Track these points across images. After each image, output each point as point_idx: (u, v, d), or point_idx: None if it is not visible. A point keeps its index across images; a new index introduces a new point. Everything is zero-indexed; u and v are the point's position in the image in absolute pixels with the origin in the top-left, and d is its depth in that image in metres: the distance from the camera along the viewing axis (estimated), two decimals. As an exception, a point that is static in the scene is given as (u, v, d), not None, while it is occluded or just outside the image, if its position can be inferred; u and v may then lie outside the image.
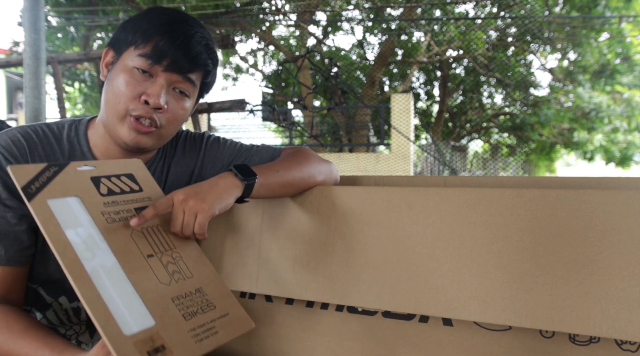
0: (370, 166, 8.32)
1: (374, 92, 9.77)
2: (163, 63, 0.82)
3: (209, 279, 0.76)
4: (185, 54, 0.82)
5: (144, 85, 0.82)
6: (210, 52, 0.87)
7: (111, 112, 0.84)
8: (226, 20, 8.77)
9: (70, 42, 9.01)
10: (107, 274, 0.65)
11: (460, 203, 0.80)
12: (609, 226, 0.70)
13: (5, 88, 12.51)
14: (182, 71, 0.83)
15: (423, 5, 8.87)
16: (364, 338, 0.88)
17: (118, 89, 0.82)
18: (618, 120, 9.11)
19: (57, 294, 0.91)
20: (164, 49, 0.81)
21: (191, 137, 1.02)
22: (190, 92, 0.88)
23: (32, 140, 0.84)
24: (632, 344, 0.71)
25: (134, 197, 0.76)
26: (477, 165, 11.75)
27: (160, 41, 0.81)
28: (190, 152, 1.01)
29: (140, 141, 0.84)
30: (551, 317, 0.71)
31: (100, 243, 0.67)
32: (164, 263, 0.72)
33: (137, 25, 0.83)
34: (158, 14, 0.84)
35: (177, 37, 0.81)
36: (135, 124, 0.83)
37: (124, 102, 0.82)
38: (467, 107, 12.23)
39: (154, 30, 0.81)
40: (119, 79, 0.82)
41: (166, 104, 0.84)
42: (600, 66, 9.71)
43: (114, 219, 0.71)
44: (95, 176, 0.74)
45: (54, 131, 0.88)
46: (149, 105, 0.82)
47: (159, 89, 0.82)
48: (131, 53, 0.82)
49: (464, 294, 0.77)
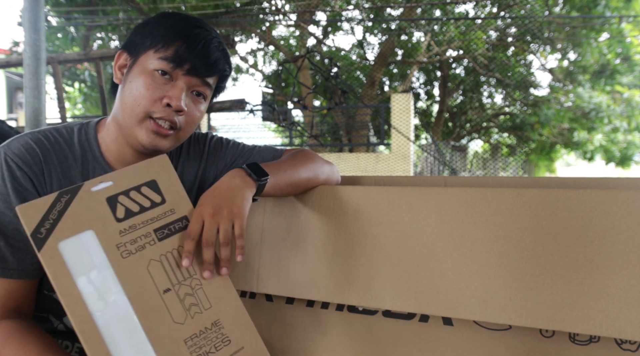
0: (370, 166, 8.31)
1: (374, 92, 9.77)
2: (184, 67, 0.83)
3: (228, 308, 0.74)
4: (205, 59, 0.84)
5: (165, 88, 0.83)
6: (227, 57, 0.89)
7: (129, 114, 0.83)
8: (226, 20, 8.77)
9: (70, 42, 9.00)
10: (119, 326, 0.65)
11: (460, 203, 0.80)
12: (609, 226, 0.70)
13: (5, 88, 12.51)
14: (202, 75, 0.85)
15: (423, 5, 8.86)
16: (364, 337, 0.88)
17: (138, 91, 0.82)
18: (618, 120, 9.11)
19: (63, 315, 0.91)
20: (185, 54, 0.82)
21: (195, 138, 1.03)
22: (207, 94, 0.90)
23: (44, 147, 0.83)
24: (632, 343, 0.72)
25: (154, 214, 0.73)
26: (477, 165, 11.75)
27: (182, 46, 0.82)
28: (195, 152, 1.01)
29: (158, 143, 0.85)
30: (551, 317, 0.71)
31: (113, 286, 0.67)
32: (181, 296, 0.71)
33: (155, 30, 0.84)
34: (177, 19, 0.86)
35: (197, 43, 0.83)
36: (155, 127, 0.83)
37: (144, 104, 0.82)
38: (467, 107, 12.22)
39: (175, 34, 0.83)
40: (138, 81, 0.83)
41: (186, 107, 0.85)
42: (600, 66, 9.71)
43: (129, 251, 0.69)
44: (112, 195, 0.71)
45: (64, 136, 0.87)
46: (170, 108, 0.83)
47: (180, 92, 0.83)
48: (150, 56, 0.83)
49: (464, 294, 0.77)
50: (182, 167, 0.99)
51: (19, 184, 0.79)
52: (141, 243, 0.70)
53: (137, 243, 0.70)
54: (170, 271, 0.71)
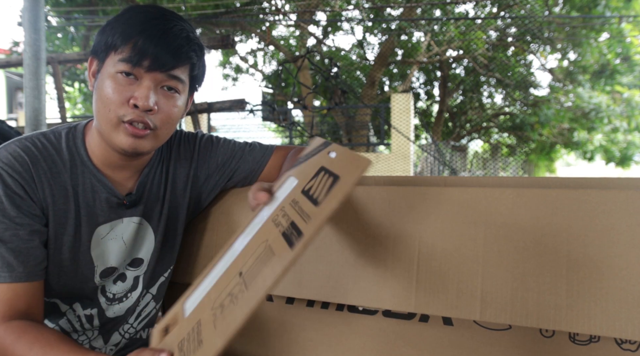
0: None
1: (374, 92, 9.77)
2: (144, 64, 0.79)
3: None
4: (165, 50, 0.79)
5: (130, 89, 0.80)
6: (192, 43, 0.83)
7: (104, 121, 0.82)
8: (226, 20, 8.77)
9: (70, 42, 9.01)
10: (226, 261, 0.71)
11: (460, 203, 0.80)
12: (609, 226, 0.70)
13: (5, 88, 12.51)
14: (165, 68, 0.81)
15: (423, 5, 8.86)
16: (364, 337, 0.88)
17: (106, 97, 0.80)
18: (618, 120, 9.11)
19: (71, 301, 0.92)
20: (143, 49, 0.78)
21: (185, 138, 1.02)
22: (179, 88, 0.85)
23: (32, 154, 0.83)
24: (632, 343, 0.72)
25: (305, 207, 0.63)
26: (477, 165, 11.75)
27: (138, 41, 0.78)
28: (185, 153, 1.00)
29: (138, 145, 0.83)
30: (551, 317, 0.71)
31: (253, 232, 0.71)
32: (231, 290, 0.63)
33: (114, 29, 0.80)
34: (134, 13, 0.82)
35: (154, 34, 0.79)
36: (131, 130, 0.81)
37: (113, 109, 0.80)
38: (467, 107, 12.23)
39: (131, 30, 0.79)
40: (105, 86, 0.81)
41: (156, 105, 0.81)
42: (600, 66, 9.71)
43: (277, 218, 0.67)
44: (324, 167, 0.65)
45: (52, 142, 0.86)
46: (138, 108, 0.80)
47: (146, 91, 0.80)
48: (112, 58, 0.80)
49: (464, 294, 0.77)
50: (173, 168, 0.99)
51: (11, 191, 0.79)
52: (281, 221, 0.66)
53: (283, 218, 0.66)
54: (255, 263, 0.63)
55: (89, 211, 0.88)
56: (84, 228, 0.87)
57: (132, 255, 0.95)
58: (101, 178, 0.88)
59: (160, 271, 1.01)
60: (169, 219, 0.98)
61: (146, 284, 0.98)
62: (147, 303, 1.01)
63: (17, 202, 0.80)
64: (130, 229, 0.93)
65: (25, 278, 0.81)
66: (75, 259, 0.88)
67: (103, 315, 0.94)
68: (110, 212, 0.90)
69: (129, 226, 0.93)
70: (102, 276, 0.92)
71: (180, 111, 0.87)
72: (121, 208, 0.91)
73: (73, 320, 0.92)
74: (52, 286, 0.89)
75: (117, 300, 0.95)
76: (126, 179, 0.92)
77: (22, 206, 0.80)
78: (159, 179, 0.96)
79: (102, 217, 0.89)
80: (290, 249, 0.56)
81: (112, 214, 0.90)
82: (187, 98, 0.91)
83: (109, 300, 0.94)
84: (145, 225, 0.95)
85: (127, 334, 0.99)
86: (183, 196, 1.00)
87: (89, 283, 0.91)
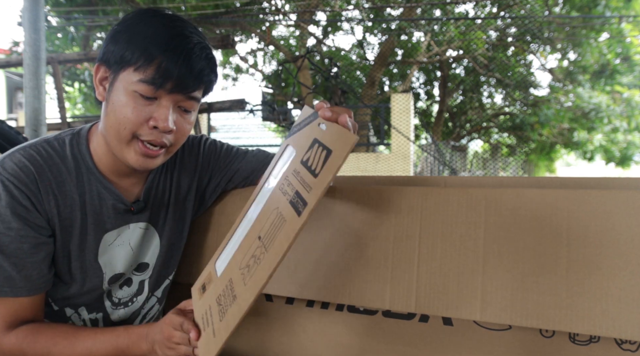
0: (370, 166, 8.32)
1: (374, 92, 9.77)
2: (167, 86, 0.77)
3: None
4: (189, 73, 0.78)
5: (150, 109, 0.78)
6: (212, 64, 0.83)
7: (115, 137, 0.80)
8: (226, 20, 8.77)
9: (70, 42, 9.00)
10: (245, 226, 0.81)
11: (460, 203, 0.80)
12: (609, 226, 0.70)
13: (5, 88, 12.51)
14: (187, 91, 0.80)
15: (423, 5, 8.86)
16: (364, 337, 0.88)
17: (122, 114, 0.78)
18: (618, 120, 9.11)
19: (77, 306, 0.92)
20: (167, 71, 0.76)
21: (189, 146, 1.02)
22: (195, 108, 0.86)
23: (38, 163, 0.81)
24: (632, 343, 0.72)
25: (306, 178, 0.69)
26: (477, 165, 11.75)
27: (162, 62, 0.76)
28: (190, 157, 1.01)
29: (149, 164, 0.83)
30: (551, 317, 0.71)
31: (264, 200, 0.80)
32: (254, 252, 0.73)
33: (133, 42, 0.77)
34: (155, 27, 0.78)
35: (179, 56, 0.77)
36: (143, 149, 0.80)
37: (130, 128, 0.78)
38: (467, 107, 12.23)
39: (154, 48, 0.76)
40: (120, 102, 0.78)
41: (175, 126, 0.81)
42: (600, 66, 9.71)
43: (283, 187, 0.75)
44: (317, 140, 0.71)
45: (56, 149, 0.85)
46: (157, 129, 0.79)
47: (166, 112, 0.79)
48: (131, 74, 0.77)
49: (464, 294, 0.77)
50: (178, 173, 0.99)
51: (17, 202, 0.78)
52: (288, 190, 0.72)
53: (288, 187, 0.72)
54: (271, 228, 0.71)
55: (95, 218, 0.87)
56: (90, 236, 0.87)
57: (138, 260, 0.95)
58: (107, 185, 0.87)
59: (165, 274, 1.01)
60: (174, 223, 0.98)
61: (151, 288, 0.98)
62: (152, 306, 1.01)
63: (23, 214, 0.78)
64: (136, 234, 0.93)
65: (27, 293, 0.81)
66: (83, 268, 0.87)
67: (108, 319, 0.94)
68: (117, 218, 0.89)
69: (135, 231, 0.92)
70: (110, 283, 0.92)
71: (192, 126, 0.87)
72: (128, 214, 0.91)
73: (77, 323, 0.92)
74: (62, 295, 0.89)
75: (122, 304, 0.95)
76: (132, 185, 0.92)
77: (28, 218, 0.79)
78: (163, 184, 0.96)
79: (109, 224, 0.89)
80: (298, 217, 0.65)
81: (119, 221, 0.90)
82: None
83: (114, 304, 0.94)
84: (151, 230, 0.95)
85: None
86: (187, 200, 1.00)
87: (97, 290, 0.91)
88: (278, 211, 0.71)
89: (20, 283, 0.80)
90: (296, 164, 0.74)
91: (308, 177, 0.68)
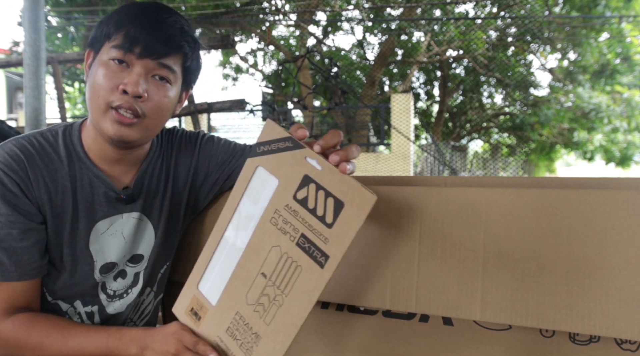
0: (370, 166, 8.32)
1: (374, 92, 9.78)
2: (135, 50, 0.80)
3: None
4: (157, 38, 0.81)
5: (121, 75, 0.81)
6: (185, 34, 0.84)
7: (94, 108, 0.82)
8: (226, 20, 8.77)
9: (70, 42, 9.01)
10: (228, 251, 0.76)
11: (460, 203, 0.80)
12: (609, 226, 0.70)
13: (5, 88, 12.51)
14: (157, 55, 0.81)
15: (423, 5, 8.87)
16: (364, 337, 0.88)
17: (96, 83, 0.81)
18: (618, 120, 9.11)
19: (72, 300, 0.92)
20: (136, 36, 0.79)
21: (186, 136, 1.03)
22: (171, 79, 0.85)
23: (28, 152, 0.83)
24: (632, 343, 0.72)
25: (315, 224, 0.67)
26: (477, 165, 11.75)
27: (131, 28, 0.80)
28: (186, 150, 1.02)
29: (124, 133, 0.82)
30: (551, 317, 0.71)
31: (249, 229, 0.74)
32: (263, 289, 0.72)
33: (109, 19, 0.83)
34: (131, 6, 0.83)
35: (147, 23, 0.80)
36: (117, 116, 0.81)
37: (103, 96, 0.80)
38: (467, 107, 12.23)
39: (125, 19, 0.81)
40: (97, 74, 0.81)
41: (146, 93, 0.82)
42: (600, 66, 9.71)
43: (276, 223, 0.71)
44: (310, 178, 0.68)
45: (49, 140, 0.87)
46: (127, 94, 0.80)
47: (136, 78, 0.80)
48: (106, 47, 0.82)
49: (464, 294, 0.77)
50: (174, 164, 0.99)
51: (7, 189, 0.80)
52: (287, 229, 0.70)
53: (286, 225, 0.70)
54: (278, 268, 0.71)
55: (87, 206, 0.88)
56: (82, 224, 0.88)
57: (132, 251, 0.95)
58: (98, 173, 0.88)
59: (161, 266, 1.01)
60: (169, 215, 0.98)
61: (147, 280, 0.98)
62: (148, 298, 1.02)
63: (12, 200, 0.80)
64: (130, 224, 0.93)
65: (17, 277, 0.82)
66: (74, 255, 0.88)
67: (104, 312, 0.94)
68: (109, 207, 0.90)
69: (129, 221, 0.93)
70: (102, 272, 0.92)
71: (171, 102, 0.87)
72: (120, 203, 0.91)
73: (74, 317, 0.93)
74: (54, 285, 0.89)
75: (117, 296, 0.95)
76: (123, 173, 0.92)
77: (17, 204, 0.80)
78: (158, 174, 0.97)
79: (101, 212, 0.89)
80: (321, 269, 0.67)
81: (111, 210, 0.90)
82: (181, 92, 0.91)
83: (109, 296, 0.94)
84: (145, 221, 0.95)
85: None
86: (183, 192, 1.00)
87: (89, 279, 0.91)
88: (285, 254, 0.70)
89: (10, 267, 0.81)
90: (288, 200, 0.70)
91: (318, 225, 0.67)
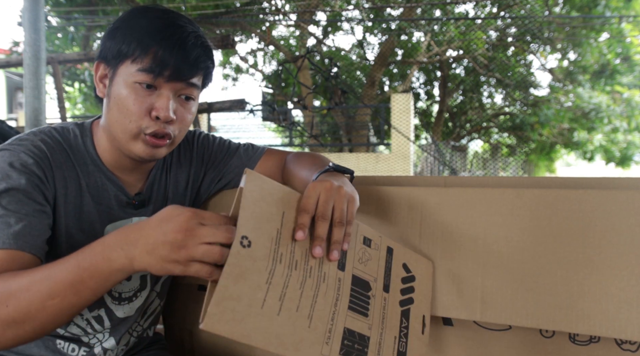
0: (370, 166, 8.32)
1: (374, 92, 9.77)
2: (165, 74, 0.79)
3: None
4: (185, 60, 0.80)
5: (150, 99, 0.80)
6: (208, 51, 0.85)
7: (121, 131, 0.81)
8: (226, 20, 8.77)
9: (70, 42, 9.00)
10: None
11: (461, 203, 0.80)
12: (609, 226, 0.70)
13: (5, 88, 12.50)
14: (185, 78, 0.81)
15: (423, 5, 8.86)
16: (364, 337, 0.88)
17: (125, 108, 0.79)
18: (618, 120, 9.11)
19: None
20: (164, 59, 0.78)
21: (184, 142, 1.03)
22: (195, 95, 0.87)
23: (50, 145, 0.82)
24: (632, 344, 0.72)
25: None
26: (477, 165, 11.75)
27: (158, 51, 0.77)
28: (185, 154, 1.02)
29: (156, 154, 0.84)
30: (551, 317, 0.71)
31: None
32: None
33: (128, 35, 0.79)
34: (148, 19, 0.80)
35: (174, 44, 0.78)
36: (152, 141, 0.81)
37: (134, 121, 0.80)
38: (467, 107, 12.22)
39: (150, 39, 0.78)
40: (122, 95, 0.80)
41: (174, 115, 0.82)
42: (600, 66, 9.71)
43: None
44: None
45: (64, 137, 0.86)
46: (159, 120, 0.80)
47: (167, 101, 0.80)
48: (129, 67, 0.79)
49: (464, 294, 0.77)
50: (175, 170, 1.00)
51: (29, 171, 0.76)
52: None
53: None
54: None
55: (98, 209, 0.88)
56: (96, 224, 0.87)
57: None
58: (111, 177, 0.88)
59: None
60: None
61: (153, 283, 0.99)
62: (153, 301, 1.02)
63: (35, 181, 0.77)
64: None
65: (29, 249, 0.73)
66: None
67: (112, 315, 0.94)
68: (119, 211, 0.90)
69: None
70: None
71: (193, 116, 0.89)
72: (130, 208, 0.91)
73: (81, 323, 0.92)
74: None
75: (125, 299, 0.95)
76: (135, 181, 0.93)
77: (39, 185, 0.78)
78: (164, 181, 0.98)
79: (112, 215, 0.89)
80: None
81: (122, 214, 0.91)
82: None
83: (115, 299, 0.94)
84: None
85: (135, 333, 1.00)
86: (184, 195, 1.01)
87: None
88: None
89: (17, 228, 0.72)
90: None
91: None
